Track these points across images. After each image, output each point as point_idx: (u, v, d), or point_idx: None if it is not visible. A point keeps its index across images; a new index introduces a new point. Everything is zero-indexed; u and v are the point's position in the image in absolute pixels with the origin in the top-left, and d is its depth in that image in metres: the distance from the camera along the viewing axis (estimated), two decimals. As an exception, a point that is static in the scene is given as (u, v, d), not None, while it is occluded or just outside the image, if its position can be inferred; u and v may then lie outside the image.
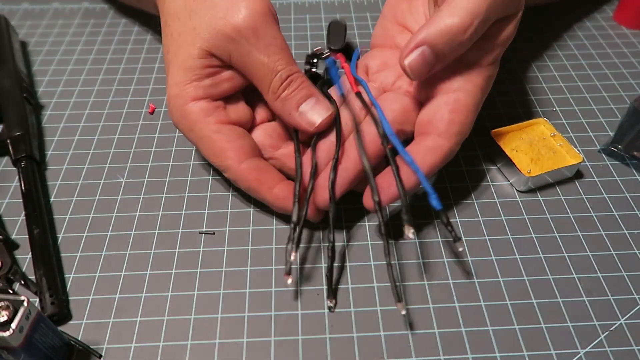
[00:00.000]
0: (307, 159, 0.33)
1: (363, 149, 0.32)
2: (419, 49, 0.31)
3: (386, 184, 0.31)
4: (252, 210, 0.36)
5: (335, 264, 0.32)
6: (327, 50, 0.40)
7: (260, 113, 0.36)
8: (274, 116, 0.36)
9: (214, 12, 0.32)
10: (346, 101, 0.35)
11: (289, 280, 0.29)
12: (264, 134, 0.35)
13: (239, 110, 0.35)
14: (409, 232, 0.29)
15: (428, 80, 0.33)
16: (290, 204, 0.32)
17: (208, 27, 0.32)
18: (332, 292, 0.31)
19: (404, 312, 0.29)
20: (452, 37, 0.30)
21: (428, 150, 0.32)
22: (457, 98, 0.32)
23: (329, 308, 0.30)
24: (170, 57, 0.34)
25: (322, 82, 0.37)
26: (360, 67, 0.38)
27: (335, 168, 0.32)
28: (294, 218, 0.31)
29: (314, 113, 0.33)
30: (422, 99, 0.34)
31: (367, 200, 0.32)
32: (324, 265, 0.33)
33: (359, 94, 0.35)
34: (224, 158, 0.33)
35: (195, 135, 0.33)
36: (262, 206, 0.36)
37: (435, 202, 0.30)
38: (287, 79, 0.33)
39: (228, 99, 0.35)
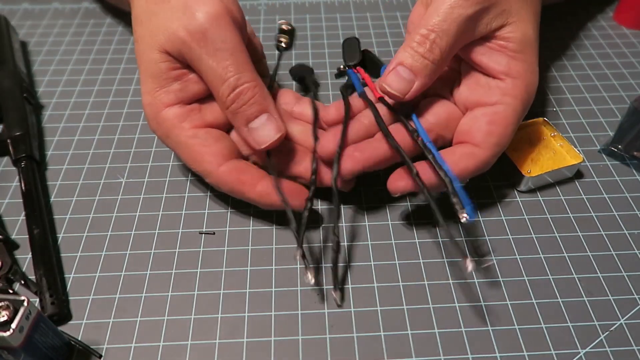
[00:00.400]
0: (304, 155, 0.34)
1: (394, 140, 0.32)
2: (395, 70, 0.32)
3: (420, 169, 0.31)
4: (252, 210, 0.36)
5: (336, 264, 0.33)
6: (343, 66, 0.42)
7: None
8: None
9: (170, 14, 0.31)
10: (370, 105, 0.35)
11: (310, 278, 0.30)
12: None
13: (215, 111, 0.34)
14: (462, 216, 0.29)
15: (467, 94, 0.34)
16: (275, 198, 0.32)
17: (163, 29, 0.31)
18: (340, 286, 0.31)
19: (470, 268, 0.28)
20: (414, 51, 0.32)
21: (463, 156, 0.32)
22: (496, 110, 0.33)
23: (335, 301, 0.30)
24: (139, 63, 0.34)
25: (345, 86, 0.38)
26: None
27: (337, 161, 0.32)
28: (292, 223, 0.31)
29: (263, 132, 0.32)
30: (462, 110, 0.35)
31: (394, 183, 0.32)
32: (324, 265, 0.33)
33: (382, 99, 0.35)
34: (202, 163, 0.32)
35: (172, 141, 0.33)
36: (262, 206, 0.36)
37: (469, 212, 0.29)
38: (236, 89, 0.31)
39: (203, 100, 0.34)
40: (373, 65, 0.42)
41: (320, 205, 0.36)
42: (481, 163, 0.32)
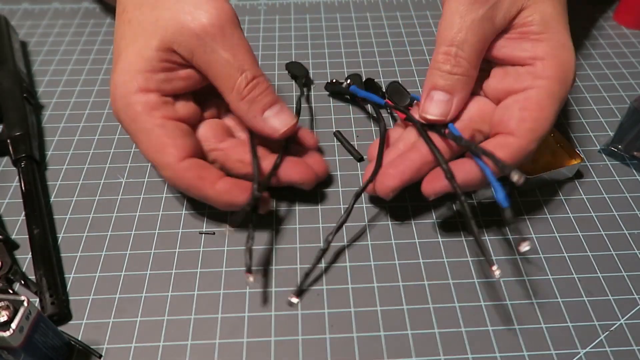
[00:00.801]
0: (246, 152, 0.34)
1: (430, 140, 0.32)
2: (430, 96, 0.33)
3: (457, 168, 0.31)
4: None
5: (336, 264, 0.33)
6: (335, 80, 0.43)
7: (208, 114, 0.36)
8: (220, 115, 0.36)
9: (180, 7, 0.32)
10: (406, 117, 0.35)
11: (251, 279, 0.29)
12: (210, 127, 0.35)
13: (188, 107, 0.34)
14: (517, 179, 0.28)
15: (496, 84, 0.34)
16: (234, 196, 0.32)
17: (173, 20, 0.31)
18: (300, 291, 0.31)
19: (498, 273, 0.28)
20: (441, 71, 0.32)
21: (496, 146, 0.31)
22: (528, 96, 0.32)
23: (290, 304, 0.31)
24: (126, 43, 0.33)
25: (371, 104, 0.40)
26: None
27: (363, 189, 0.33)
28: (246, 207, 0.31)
29: (277, 120, 0.33)
30: (495, 103, 0.34)
31: (429, 185, 0.31)
32: (324, 265, 0.33)
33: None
34: (164, 154, 0.31)
35: (137, 127, 0.32)
36: (262, 206, 0.36)
37: (502, 198, 0.29)
38: (253, 80, 0.32)
39: (177, 95, 0.34)
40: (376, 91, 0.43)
41: (321, 205, 0.36)
42: (517, 152, 0.31)
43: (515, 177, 0.28)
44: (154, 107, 0.32)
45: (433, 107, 0.33)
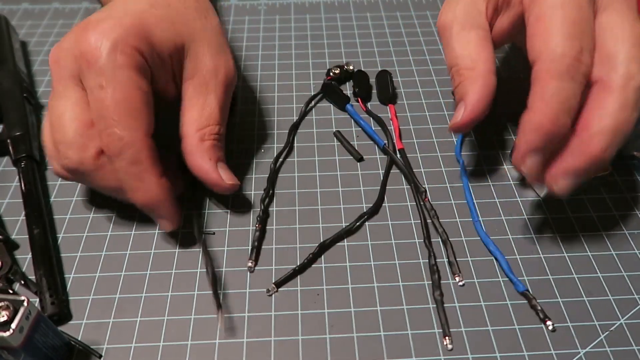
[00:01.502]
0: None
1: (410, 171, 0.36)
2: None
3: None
4: (252, 210, 0.36)
5: (336, 264, 0.33)
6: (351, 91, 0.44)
7: None
8: None
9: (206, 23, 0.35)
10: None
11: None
12: None
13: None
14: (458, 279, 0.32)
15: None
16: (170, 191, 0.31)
17: (190, 33, 0.33)
18: (256, 255, 0.33)
19: (450, 347, 0.29)
20: (453, 88, 0.35)
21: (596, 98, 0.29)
22: (530, 34, 0.30)
23: (249, 268, 0.32)
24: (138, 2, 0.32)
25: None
26: None
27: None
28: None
29: (228, 175, 0.33)
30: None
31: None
32: (324, 265, 0.33)
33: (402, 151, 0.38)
34: (137, 119, 0.29)
35: (117, 75, 0.29)
36: (262, 206, 0.36)
37: (520, 288, 0.31)
38: (221, 134, 0.34)
39: None
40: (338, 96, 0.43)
41: (321, 206, 0.36)
42: (551, 92, 0.29)
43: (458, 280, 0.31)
44: (143, 72, 0.31)
45: (453, 118, 0.34)
